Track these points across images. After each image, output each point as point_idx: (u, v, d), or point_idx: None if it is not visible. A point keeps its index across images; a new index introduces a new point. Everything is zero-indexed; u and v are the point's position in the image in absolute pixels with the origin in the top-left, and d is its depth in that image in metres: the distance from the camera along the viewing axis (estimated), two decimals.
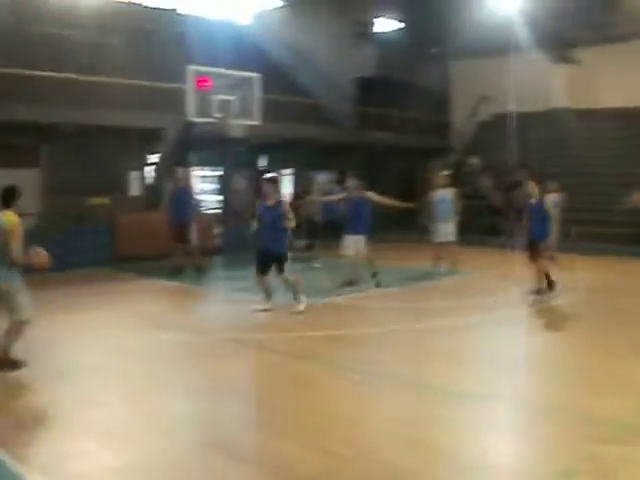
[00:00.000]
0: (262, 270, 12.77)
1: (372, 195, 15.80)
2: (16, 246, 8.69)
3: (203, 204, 30.61)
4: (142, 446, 6.57)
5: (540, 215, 14.29)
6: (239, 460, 6.17)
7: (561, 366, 9.45)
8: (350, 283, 15.54)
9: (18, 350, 8.97)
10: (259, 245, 12.86)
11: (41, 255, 8.85)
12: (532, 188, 14.58)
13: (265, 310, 12.76)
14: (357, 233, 15.42)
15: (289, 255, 12.79)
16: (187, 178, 17.06)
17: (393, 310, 13.51)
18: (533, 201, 14.57)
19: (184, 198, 17.37)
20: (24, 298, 8.99)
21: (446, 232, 17.81)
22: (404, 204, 17.03)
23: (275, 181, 13.61)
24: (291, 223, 12.59)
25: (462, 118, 33.20)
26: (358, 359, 9.68)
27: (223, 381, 8.81)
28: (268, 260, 12.68)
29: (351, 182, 15.97)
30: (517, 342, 10.90)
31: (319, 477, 5.83)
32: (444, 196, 18.09)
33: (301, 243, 19.12)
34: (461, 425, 7.05)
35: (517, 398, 7.89)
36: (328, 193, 17.74)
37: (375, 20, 35.88)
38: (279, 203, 12.94)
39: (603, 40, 28.87)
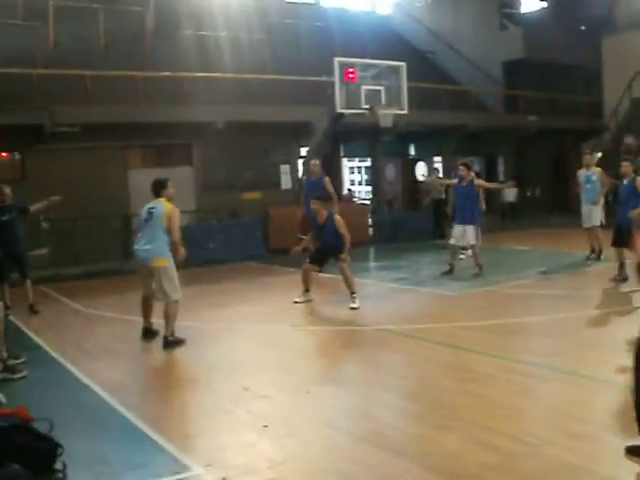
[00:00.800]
0: None
1: (481, 182, 15.58)
2: (177, 229, 9.99)
3: (354, 195, 30.82)
4: (302, 438, 6.58)
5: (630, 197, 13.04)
6: (399, 454, 6.06)
7: None
8: (450, 271, 15.40)
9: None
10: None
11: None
12: (625, 168, 13.62)
13: None
14: (465, 222, 15.12)
15: None
16: (319, 170, 16.78)
17: (552, 298, 13.13)
18: (625, 182, 13.57)
19: (316, 190, 17.07)
20: (176, 279, 10.09)
21: (589, 216, 16.58)
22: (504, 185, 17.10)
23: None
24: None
25: (616, 96, 32.07)
26: (520, 349, 9.44)
27: (380, 373, 8.74)
28: None
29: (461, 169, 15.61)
30: None
31: (482, 473, 5.63)
32: (589, 176, 16.77)
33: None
34: (632, 422, 6.74)
35: None
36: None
37: (520, 1, 35.21)
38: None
39: None
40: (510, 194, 28.28)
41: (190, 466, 5.93)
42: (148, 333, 10.56)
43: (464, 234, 15.12)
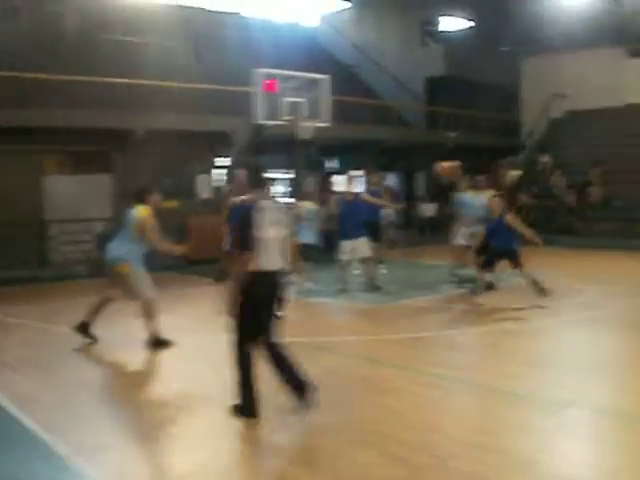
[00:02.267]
0: None
1: (366, 197, 15.66)
2: (151, 236, 10.23)
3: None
4: (210, 449, 6.54)
5: None
6: (309, 468, 6.06)
7: None
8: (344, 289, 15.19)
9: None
10: None
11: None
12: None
13: None
14: (353, 237, 14.85)
15: None
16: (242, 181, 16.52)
17: (463, 312, 13.31)
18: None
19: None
20: (142, 280, 10.38)
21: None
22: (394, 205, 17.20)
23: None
24: None
25: (533, 116, 32.75)
26: (432, 362, 9.54)
27: None
28: None
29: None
30: (593, 345, 10.64)
31: None
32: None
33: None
34: (539, 432, 6.86)
35: (597, 404, 7.65)
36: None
37: (443, 19, 35.70)
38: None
39: None
40: (429, 209, 28.53)
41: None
42: (83, 328, 10.54)
43: (355, 249, 14.91)
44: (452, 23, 35.49)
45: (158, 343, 10.25)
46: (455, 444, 6.55)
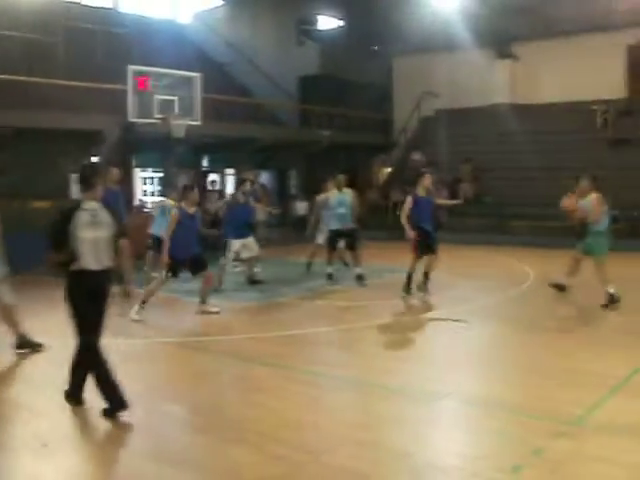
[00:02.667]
0: None
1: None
2: None
3: (146, 206, 30.32)
4: (81, 456, 6.45)
5: None
6: (184, 468, 6.01)
7: (510, 363, 9.46)
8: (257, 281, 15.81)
9: None
10: None
11: None
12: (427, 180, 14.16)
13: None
14: (247, 236, 15.32)
15: None
16: (116, 180, 16.06)
17: (338, 309, 13.42)
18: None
19: (113, 201, 16.34)
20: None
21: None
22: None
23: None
24: None
25: (405, 114, 33.32)
26: (307, 360, 9.61)
27: (166, 387, 8.63)
28: None
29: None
30: (464, 339, 10.89)
31: None
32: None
33: None
34: (412, 425, 6.99)
35: (467, 395, 7.85)
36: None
37: (318, 18, 35.91)
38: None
39: (542, 37, 29.22)
40: (302, 207, 28.59)
41: None
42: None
43: (245, 248, 15.21)
44: (327, 23, 35.79)
45: (26, 346, 9.98)
46: (331, 440, 6.61)
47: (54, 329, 11.35)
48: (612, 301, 12.39)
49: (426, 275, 14.06)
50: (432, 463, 6.04)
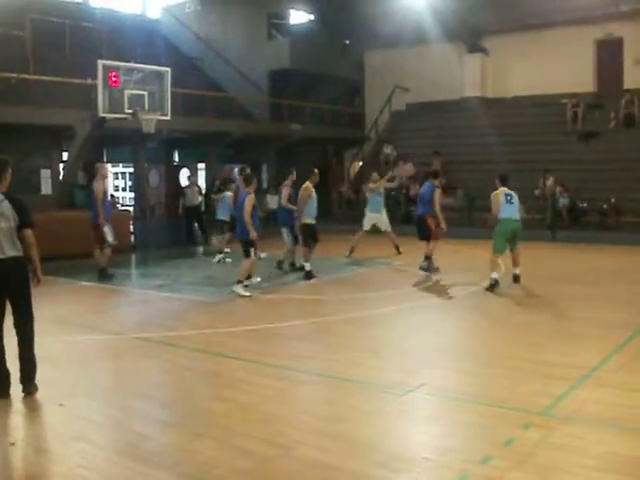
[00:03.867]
0: None
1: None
2: None
3: (117, 201, 30.24)
4: (53, 454, 6.38)
5: None
6: (153, 465, 5.98)
7: (481, 355, 9.50)
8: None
9: None
10: None
11: None
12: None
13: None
14: None
15: None
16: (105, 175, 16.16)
17: (311, 302, 13.47)
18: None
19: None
20: None
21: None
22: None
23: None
24: None
25: (376, 108, 33.38)
26: (275, 354, 9.58)
27: (136, 382, 8.61)
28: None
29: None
30: (436, 331, 10.95)
31: (238, 477, 5.71)
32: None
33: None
34: (382, 417, 7.02)
35: (438, 387, 7.88)
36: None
37: (289, 12, 35.89)
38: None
39: (512, 30, 29.39)
40: (273, 201, 28.53)
41: None
42: None
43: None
44: (297, 17, 35.79)
45: None
46: (300, 433, 6.62)
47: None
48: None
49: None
50: (402, 455, 6.06)
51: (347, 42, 35.15)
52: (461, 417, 6.98)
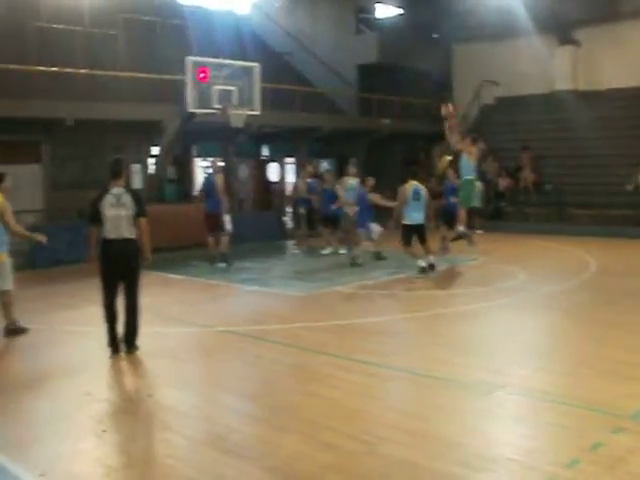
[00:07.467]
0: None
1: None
2: (12, 221, 10.32)
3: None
4: (142, 443, 6.53)
5: None
6: (239, 456, 6.04)
7: (567, 354, 9.34)
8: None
9: None
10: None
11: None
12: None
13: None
14: None
15: None
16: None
17: (394, 298, 13.43)
18: None
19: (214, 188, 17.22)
20: (8, 270, 10.50)
21: None
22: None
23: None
24: None
25: (465, 102, 33.01)
26: (361, 349, 9.55)
27: (223, 375, 8.75)
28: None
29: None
30: (523, 330, 10.79)
31: (322, 472, 5.71)
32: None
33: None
34: (467, 416, 6.94)
35: (524, 387, 7.76)
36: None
37: (376, 6, 35.74)
38: None
39: (605, 20, 28.66)
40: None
41: (20, 477, 5.75)
42: None
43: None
44: (385, 11, 35.61)
45: (16, 331, 10.43)
46: (384, 430, 6.59)
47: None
48: None
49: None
50: (485, 455, 5.97)
51: (435, 36, 34.83)
52: (546, 418, 6.84)
